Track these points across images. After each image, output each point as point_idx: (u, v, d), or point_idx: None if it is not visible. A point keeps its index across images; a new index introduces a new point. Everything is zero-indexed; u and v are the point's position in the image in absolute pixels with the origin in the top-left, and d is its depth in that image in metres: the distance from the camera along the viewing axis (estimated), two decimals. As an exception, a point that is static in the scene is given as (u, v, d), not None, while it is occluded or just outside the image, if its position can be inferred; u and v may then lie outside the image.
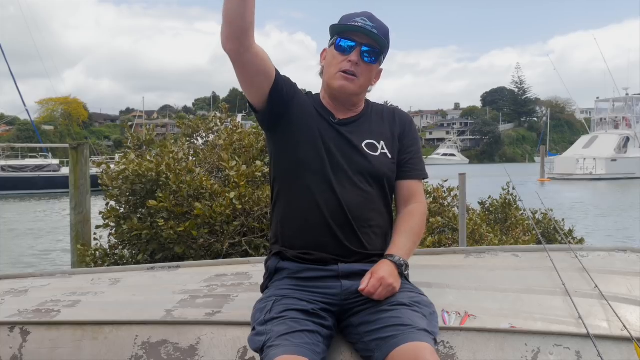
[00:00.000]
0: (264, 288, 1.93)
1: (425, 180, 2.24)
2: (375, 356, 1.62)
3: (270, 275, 1.90)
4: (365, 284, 1.74)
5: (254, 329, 1.72)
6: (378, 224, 1.87)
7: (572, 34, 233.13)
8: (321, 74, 1.97)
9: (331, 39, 1.92)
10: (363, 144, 1.89)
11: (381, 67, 1.96)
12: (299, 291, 1.77)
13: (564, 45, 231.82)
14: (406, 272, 1.84)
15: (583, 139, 44.95)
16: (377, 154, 1.89)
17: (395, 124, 1.98)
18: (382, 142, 1.92)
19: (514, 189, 5.78)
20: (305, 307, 1.72)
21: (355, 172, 1.84)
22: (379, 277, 1.74)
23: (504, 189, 6.05)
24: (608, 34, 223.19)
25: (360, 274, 1.79)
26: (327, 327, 1.72)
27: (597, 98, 49.95)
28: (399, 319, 1.65)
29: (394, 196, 1.99)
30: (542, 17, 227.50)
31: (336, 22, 1.94)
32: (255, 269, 2.54)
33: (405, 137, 1.98)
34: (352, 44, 1.86)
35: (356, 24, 1.85)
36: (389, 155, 1.92)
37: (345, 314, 1.78)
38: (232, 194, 4.04)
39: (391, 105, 2.08)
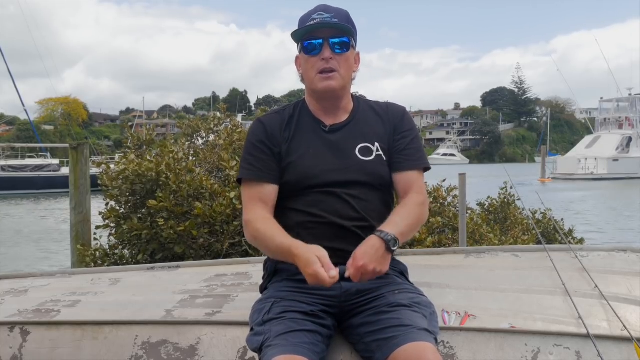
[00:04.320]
0: (262, 289, 1.92)
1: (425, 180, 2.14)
2: (375, 357, 1.62)
3: (270, 277, 1.89)
4: (350, 272, 1.64)
5: (252, 329, 1.72)
6: (376, 224, 1.83)
7: (574, 33, 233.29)
8: (302, 80, 1.93)
9: (298, 45, 1.88)
10: (357, 150, 1.86)
11: (357, 50, 1.92)
12: (298, 293, 1.77)
13: (566, 45, 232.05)
14: (395, 248, 1.69)
15: (586, 139, 45.01)
16: (372, 157, 1.86)
17: (388, 120, 1.93)
18: (376, 144, 1.88)
19: (512, 187, 5.79)
20: (305, 309, 1.71)
21: (352, 181, 1.82)
22: (358, 265, 1.63)
23: (501, 189, 6.05)
24: (611, 33, 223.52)
25: None
26: (327, 327, 1.71)
27: (601, 98, 49.99)
28: (399, 319, 1.65)
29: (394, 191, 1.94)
30: (544, 16, 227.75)
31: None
32: (255, 269, 2.54)
33: (397, 128, 1.92)
34: (319, 41, 1.82)
35: (314, 21, 1.81)
36: (384, 157, 1.88)
37: (345, 315, 1.77)
38: (232, 194, 4.04)
39: (385, 101, 2.01)
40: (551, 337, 1.75)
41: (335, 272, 1.59)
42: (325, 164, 1.83)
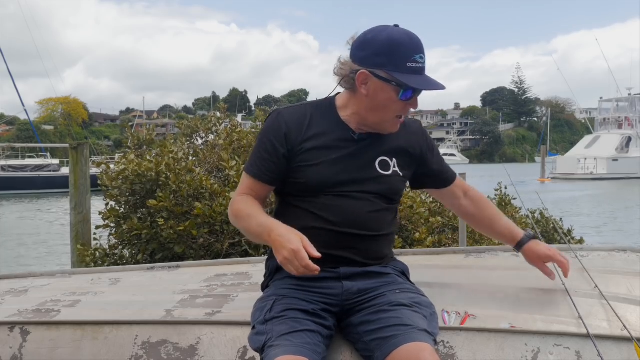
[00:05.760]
0: (264, 287, 1.92)
1: None
2: (375, 356, 1.62)
3: (271, 274, 1.89)
4: (563, 272, 1.96)
5: (254, 327, 1.71)
6: (384, 234, 1.86)
7: (575, 33, 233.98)
8: (346, 86, 1.81)
9: (380, 70, 1.72)
10: (377, 162, 1.84)
11: None
12: (300, 291, 1.77)
13: (567, 45, 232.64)
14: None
15: (586, 139, 44.99)
16: (389, 172, 1.84)
17: (410, 137, 1.91)
18: (394, 160, 1.86)
19: (506, 188, 5.78)
20: (306, 307, 1.71)
21: (366, 191, 1.81)
22: (560, 254, 1.97)
23: (496, 190, 6.02)
24: (611, 33, 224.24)
25: (361, 275, 1.79)
26: (328, 328, 1.71)
27: (601, 98, 50.02)
28: (400, 319, 1.65)
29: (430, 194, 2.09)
30: (545, 16, 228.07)
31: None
32: (255, 269, 2.54)
33: (428, 150, 1.95)
34: (412, 92, 1.75)
35: (416, 64, 1.72)
36: (400, 173, 1.87)
37: (346, 314, 1.77)
38: (232, 194, 4.03)
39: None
40: (551, 337, 1.75)
41: (318, 254, 1.60)
42: (345, 172, 1.80)
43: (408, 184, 2.03)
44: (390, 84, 1.72)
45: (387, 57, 1.71)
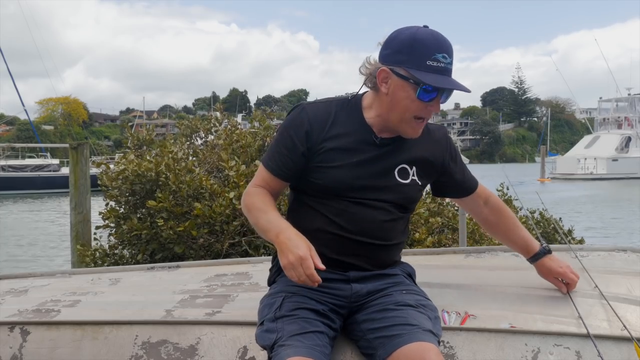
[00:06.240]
0: (270, 282, 1.90)
1: None
2: (377, 354, 1.61)
3: (279, 270, 1.83)
4: (567, 289, 1.96)
5: (262, 324, 1.69)
6: (396, 243, 1.85)
7: (575, 33, 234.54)
8: (369, 85, 1.77)
9: (399, 67, 1.68)
10: (396, 170, 1.80)
11: None
12: (309, 289, 1.73)
13: (567, 45, 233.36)
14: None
15: (585, 139, 45.04)
16: (408, 181, 1.81)
17: (433, 146, 1.87)
18: (414, 168, 1.82)
19: (508, 188, 5.77)
20: (316, 307, 1.70)
21: (383, 199, 1.78)
22: (571, 272, 1.96)
23: (498, 190, 6.02)
24: (611, 33, 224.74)
25: (371, 278, 1.79)
26: (334, 329, 1.71)
27: (600, 98, 50.11)
28: (405, 318, 1.64)
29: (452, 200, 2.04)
30: (545, 16, 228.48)
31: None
32: (255, 269, 2.54)
33: (451, 160, 1.91)
34: (436, 94, 1.69)
35: (439, 64, 1.65)
36: (419, 182, 1.84)
37: (352, 313, 1.76)
38: (231, 194, 4.04)
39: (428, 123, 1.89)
40: (551, 337, 1.75)
41: (323, 266, 1.58)
42: (364, 178, 1.77)
43: (429, 191, 2.02)
44: (408, 81, 1.68)
45: (407, 55, 1.67)
